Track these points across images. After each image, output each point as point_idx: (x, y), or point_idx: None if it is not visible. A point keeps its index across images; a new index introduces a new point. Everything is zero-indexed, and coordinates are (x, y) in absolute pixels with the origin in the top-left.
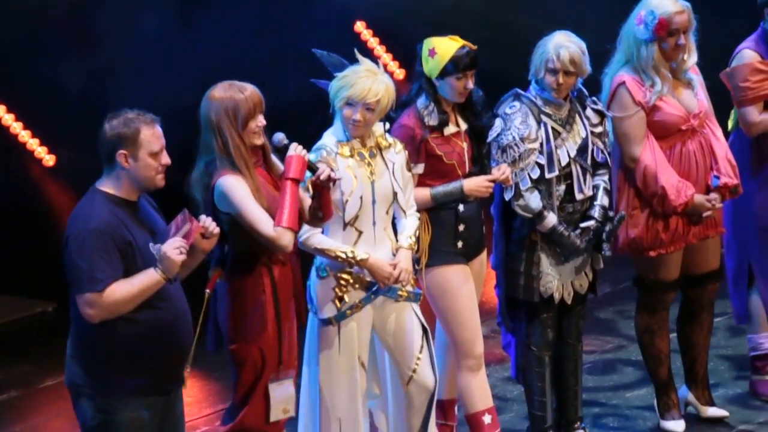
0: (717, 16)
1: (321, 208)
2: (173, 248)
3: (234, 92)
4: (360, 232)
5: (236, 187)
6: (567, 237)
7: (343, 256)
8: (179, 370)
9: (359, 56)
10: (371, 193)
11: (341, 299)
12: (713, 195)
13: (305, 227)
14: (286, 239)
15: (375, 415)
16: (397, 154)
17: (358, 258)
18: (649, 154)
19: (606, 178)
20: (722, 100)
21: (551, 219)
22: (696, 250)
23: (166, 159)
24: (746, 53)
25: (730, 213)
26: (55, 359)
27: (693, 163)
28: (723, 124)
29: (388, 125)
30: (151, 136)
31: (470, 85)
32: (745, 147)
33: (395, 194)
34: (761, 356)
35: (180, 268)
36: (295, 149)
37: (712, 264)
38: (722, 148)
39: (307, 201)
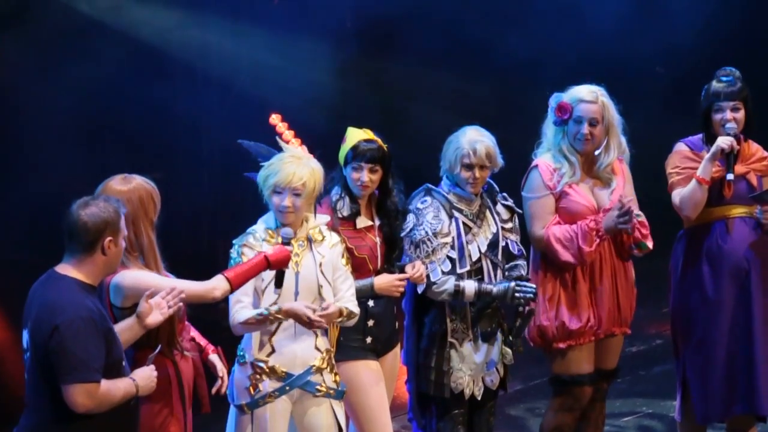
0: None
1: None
2: (153, 375)
3: (139, 183)
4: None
5: (142, 274)
6: (495, 289)
7: (261, 316)
8: None
9: (282, 144)
10: (294, 284)
11: (255, 387)
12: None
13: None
14: (219, 291)
15: None
16: (331, 248)
17: (274, 311)
18: (555, 225)
19: (523, 263)
20: None
21: (470, 286)
22: (603, 346)
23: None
24: (679, 145)
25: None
26: None
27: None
28: None
29: (329, 218)
30: (123, 220)
31: (365, 178)
32: (683, 244)
33: (320, 287)
34: None
35: None
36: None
37: (611, 363)
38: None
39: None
